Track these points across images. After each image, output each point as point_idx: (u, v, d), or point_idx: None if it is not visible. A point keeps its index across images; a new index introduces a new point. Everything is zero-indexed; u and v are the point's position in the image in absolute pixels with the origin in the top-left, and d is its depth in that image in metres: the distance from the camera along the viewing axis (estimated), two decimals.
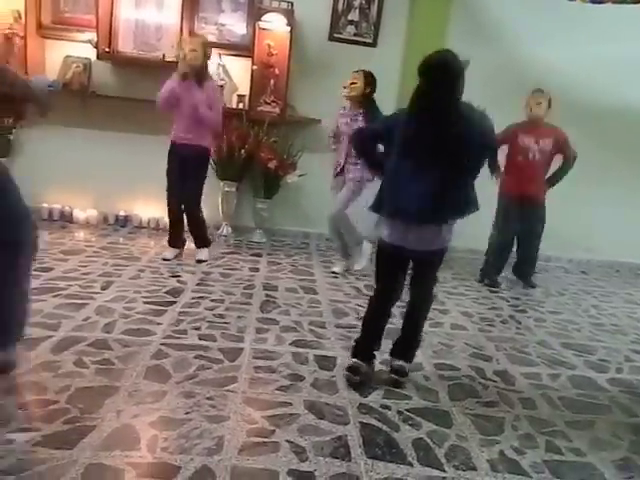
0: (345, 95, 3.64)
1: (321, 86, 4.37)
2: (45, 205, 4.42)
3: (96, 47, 4.16)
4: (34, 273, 2.48)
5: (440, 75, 1.97)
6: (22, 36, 4.11)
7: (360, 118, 3.57)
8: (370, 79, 3.58)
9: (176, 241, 3.78)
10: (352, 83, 3.57)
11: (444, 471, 1.64)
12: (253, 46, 4.32)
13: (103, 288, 2.95)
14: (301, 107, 4.52)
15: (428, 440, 1.79)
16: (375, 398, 2.04)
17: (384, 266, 2.22)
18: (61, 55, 4.30)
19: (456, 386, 2.22)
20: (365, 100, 3.59)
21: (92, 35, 4.17)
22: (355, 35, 4.49)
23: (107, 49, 4.19)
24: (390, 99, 4.02)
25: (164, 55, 4.22)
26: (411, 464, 1.65)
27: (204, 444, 1.62)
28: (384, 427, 1.84)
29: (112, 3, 4.18)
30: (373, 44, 4.47)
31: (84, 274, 3.13)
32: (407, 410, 1.97)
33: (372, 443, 1.73)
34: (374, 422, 1.86)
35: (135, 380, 1.96)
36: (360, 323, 2.29)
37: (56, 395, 1.80)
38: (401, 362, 2.21)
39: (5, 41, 4.06)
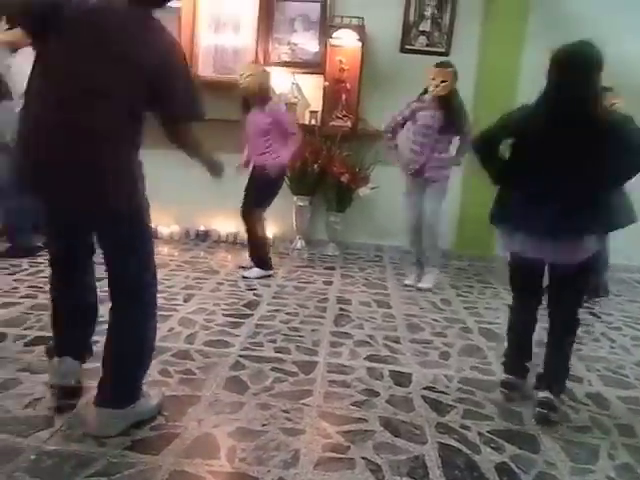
0: (434, 94, 3.45)
1: (393, 98, 4.33)
2: None
3: None
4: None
5: (579, 66, 1.77)
6: None
7: (439, 115, 3.46)
8: (457, 73, 3.46)
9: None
10: (443, 81, 3.39)
11: None
12: (325, 63, 4.40)
13: (185, 300, 3.09)
14: (373, 120, 4.52)
15: (512, 465, 1.70)
16: (454, 418, 1.96)
17: (520, 279, 2.13)
18: None
19: None
20: (453, 96, 3.46)
21: None
22: (427, 45, 4.45)
23: None
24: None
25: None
26: None
27: (280, 457, 1.64)
28: (464, 448, 1.76)
29: (193, 31, 4.44)
30: (446, 53, 4.39)
31: (168, 287, 3.30)
32: (488, 432, 1.88)
33: (451, 465, 1.67)
34: (453, 443, 1.79)
35: (215, 390, 2.03)
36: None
37: None
38: (546, 394, 1.98)
39: None
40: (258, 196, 3.66)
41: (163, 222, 4.75)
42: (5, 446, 1.58)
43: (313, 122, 4.54)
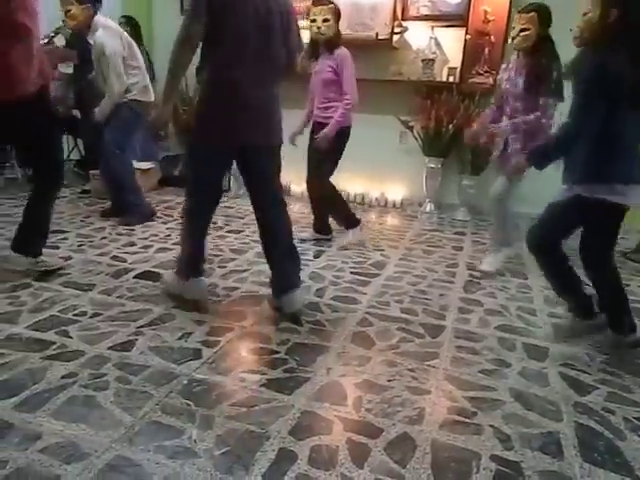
0: (515, 47, 2.76)
1: None
2: None
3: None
4: (258, 239, 2.83)
5: None
6: None
7: (526, 70, 2.72)
8: (545, 16, 2.64)
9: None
10: (522, 30, 2.65)
11: None
12: (468, 14, 4.12)
13: (315, 256, 3.21)
14: None
15: None
16: (595, 399, 1.81)
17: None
18: None
19: None
20: (542, 44, 2.66)
21: None
22: None
23: None
24: None
25: (377, 33, 4.30)
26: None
27: (405, 412, 1.66)
28: (606, 432, 1.63)
29: None
30: None
31: (300, 241, 3.44)
32: (637, 419, 1.71)
33: (590, 447, 1.55)
34: (593, 425, 1.66)
35: (343, 343, 2.10)
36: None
37: (277, 346, 2.04)
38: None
39: None
40: (320, 161, 3.28)
41: (295, 180, 4.92)
42: (162, 370, 1.81)
43: (451, 79, 4.31)
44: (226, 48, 2.02)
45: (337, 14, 3.16)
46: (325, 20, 3.09)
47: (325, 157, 3.26)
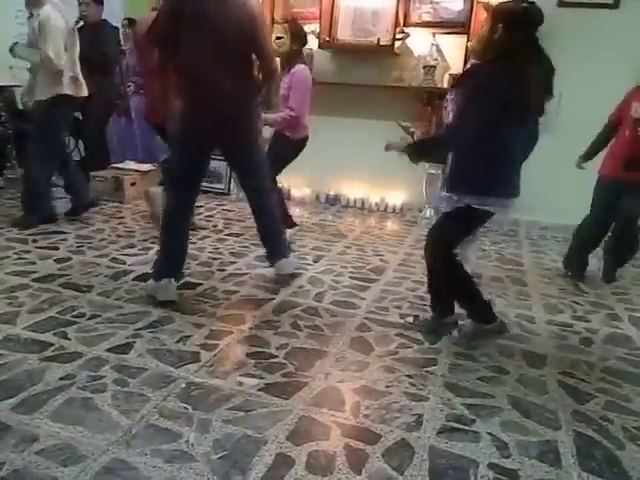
0: None
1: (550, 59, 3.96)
2: None
3: (318, 37, 4.46)
4: (259, 243, 2.83)
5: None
6: None
7: None
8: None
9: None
10: None
11: None
12: (470, 21, 4.13)
13: (315, 261, 3.21)
14: None
15: None
16: (594, 407, 1.81)
17: None
18: None
19: None
20: None
21: (316, 26, 4.49)
22: None
23: (327, 38, 4.46)
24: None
25: (379, 39, 4.31)
26: None
27: (403, 419, 1.66)
28: (604, 441, 1.62)
29: None
30: (614, 5, 3.86)
31: (299, 246, 3.45)
32: (635, 428, 1.70)
33: (588, 455, 1.55)
34: (591, 433, 1.66)
35: (341, 348, 2.10)
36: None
37: (276, 350, 2.03)
38: None
39: None
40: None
41: (295, 185, 4.93)
42: (160, 373, 1.81)
43: None
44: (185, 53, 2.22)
45: (293, 32, 3.20)
46: (278, 38, 3.15)
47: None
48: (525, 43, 1.86)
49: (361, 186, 4.78)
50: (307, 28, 4.54)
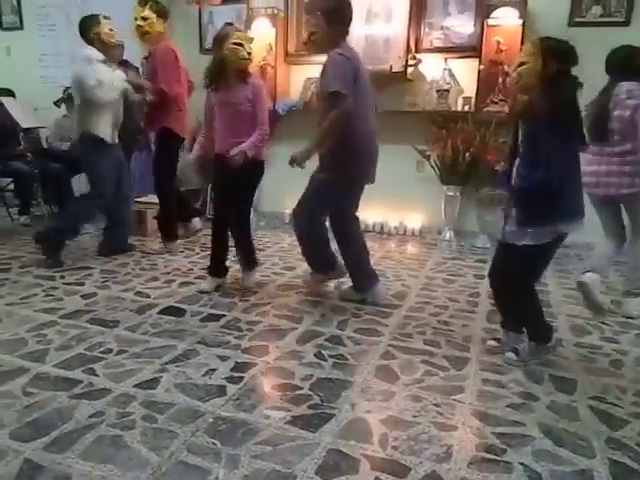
0: None
1: None
2: (286, 211, 5.04)
3: None
4: (280, 272, 2.84)
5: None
6: (273, 65, 4.77)
7: None
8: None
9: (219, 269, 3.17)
10: None
11: None
12: (481, 45, 4.18)
13: (336, 287, 3.22)
14: None
15: None
16: (629, 434, 1.76)
17: None
18: (303, 78, 4.85)
19: None
20: None
21: None
22: (602, 16, 3.97)
23: None
24: None
25: (391, 66, 4.39)
26: None
27: (432, 450, 1.64)
28: None
29: None
30: (625, 22, 3.88)
31: None
32: None
33: None
34: (627, 461, 1.61)
35: (366, 377, 2.09)
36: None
37: (301, 382, 2.03)
38: None
39: (260, 71, 4.76)
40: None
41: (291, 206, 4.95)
42: (188, 408, 1.82)
43: (466, 108, 4.36)
44: None
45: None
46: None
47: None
48: (570, 76, 2.11)
49: (379, 210, 4.80)
50: (321, 58, 4.69)
